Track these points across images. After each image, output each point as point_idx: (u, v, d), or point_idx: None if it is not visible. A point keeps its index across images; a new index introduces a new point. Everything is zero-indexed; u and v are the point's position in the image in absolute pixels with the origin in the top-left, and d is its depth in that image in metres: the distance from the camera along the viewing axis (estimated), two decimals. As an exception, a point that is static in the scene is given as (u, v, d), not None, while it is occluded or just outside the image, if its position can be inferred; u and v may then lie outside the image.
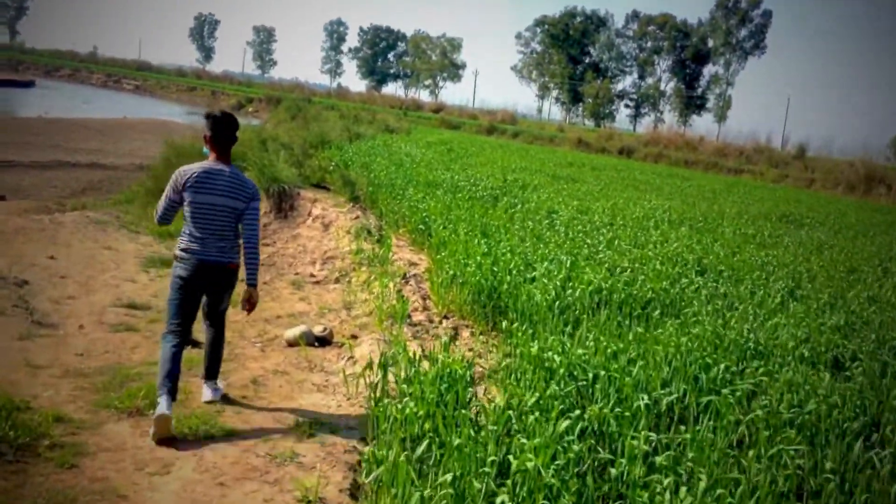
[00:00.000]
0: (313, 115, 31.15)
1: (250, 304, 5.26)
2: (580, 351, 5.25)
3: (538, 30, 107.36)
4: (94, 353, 6.48)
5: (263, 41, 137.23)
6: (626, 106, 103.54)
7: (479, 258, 7.77)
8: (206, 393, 5.35)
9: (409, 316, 7.26)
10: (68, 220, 12.14)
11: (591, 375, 4.85)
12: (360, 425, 5.07)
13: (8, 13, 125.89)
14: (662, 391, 4.77)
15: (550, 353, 5.11)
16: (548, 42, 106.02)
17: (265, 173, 12.98)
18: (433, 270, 8.36)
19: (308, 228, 11.39)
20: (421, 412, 4.26)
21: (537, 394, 4.44)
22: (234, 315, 6.44)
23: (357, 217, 10.74)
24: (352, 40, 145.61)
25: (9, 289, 8.01)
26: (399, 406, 4.35)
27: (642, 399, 4.40)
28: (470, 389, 4.82)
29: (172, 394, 4.75)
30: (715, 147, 60.74)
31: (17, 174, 19.93)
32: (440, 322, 7.33)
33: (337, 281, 9.25)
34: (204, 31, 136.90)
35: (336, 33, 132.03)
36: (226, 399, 5.42)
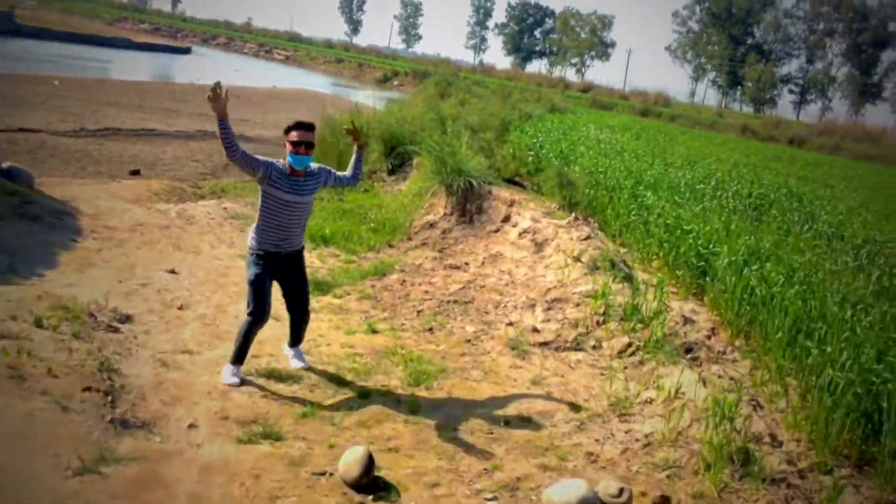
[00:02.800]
0: (464, 90, 28.14)
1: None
2: None
3: (698, 7, 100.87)
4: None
5: (410, 15, 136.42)
6: (791, 91, 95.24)
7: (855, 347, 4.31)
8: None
9: (753, 455, 3.93)
10: (200, 214, 9.52)
11: None
12: None
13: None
14: None
15: None
16: (708, 21, 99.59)
17: (445, 162, 9.90)
18: (761, 363, 4.96)
19: (512, 246, 8.19)
20: None
21: None
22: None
23: (587, 237, 7.45)
24: (498, 16, 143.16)
25: (97, 335, 5.28)
26: None
27: None
28: None
29: None
30: None
31: (160, 144, 18.03)
32: (816, 470, 3.95)
33: (577, 345, 6.01)
34: (353, 4, 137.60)
35: (483, 8, 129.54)
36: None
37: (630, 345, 5.74)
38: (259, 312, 5.08)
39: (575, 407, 5.00)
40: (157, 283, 6.92)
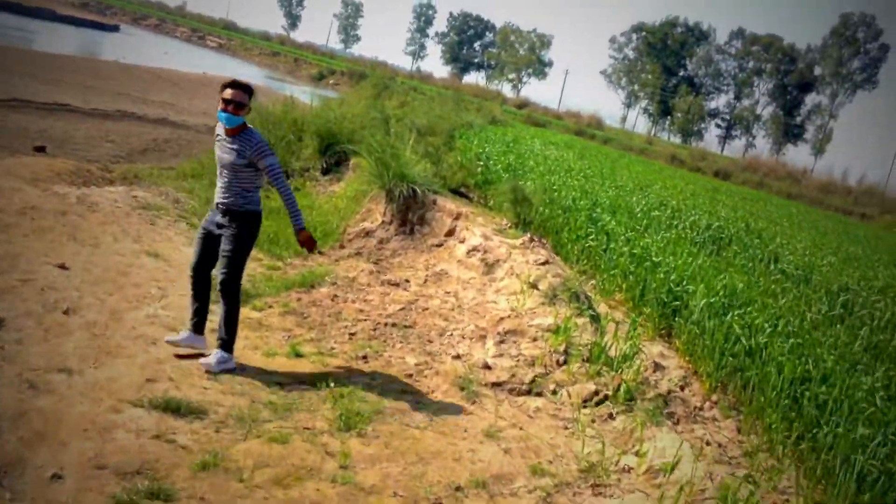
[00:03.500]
0: (401, 94, 27.27)
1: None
2: None
3: (634, 36, 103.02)
4: None
5: (350, 15, 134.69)
6: (718, 126, 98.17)
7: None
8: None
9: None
10: (105, 201, 8.35)
11: None
12: None
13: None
14: None
15: None
16: (643, 49, 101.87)
17: (388, 166, 9.02)
18: (748, 426, 4.24)
19: (459, 265, 7.34)
20: None
21: None
22: None
23: (545, 262, 6.67)
24: (439, 24, 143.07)
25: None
26: None
27: None
28: None
29: None
30: (819, 183, 56.94)
31: (72, 121, 16.50)
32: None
33: (534, 389, 5.19)
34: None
35: (424, 16, 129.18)
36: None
37: (596, 393, 4.97)
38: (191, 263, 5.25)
39: (538, 470, 4.17)
40: (42, 279, 5.80)
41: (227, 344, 5.04)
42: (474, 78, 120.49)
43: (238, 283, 5.10)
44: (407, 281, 7.19)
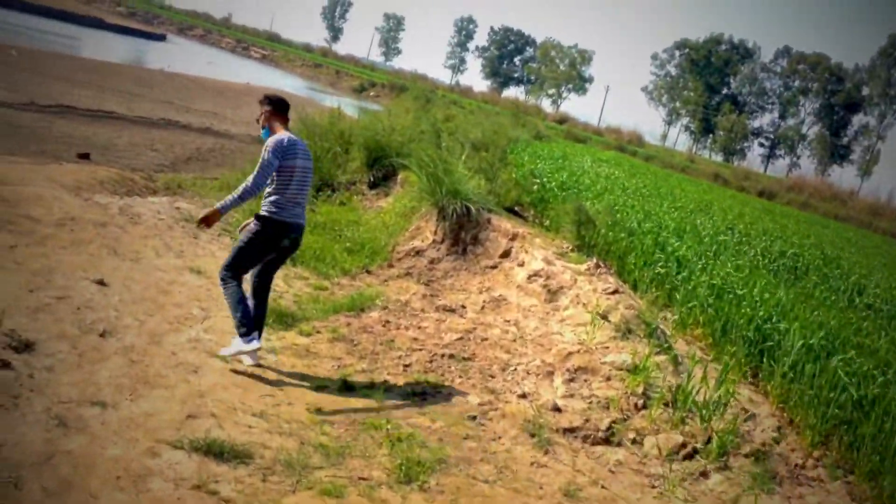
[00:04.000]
0: (442, 107, 26.86)
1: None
2: None
3: (677, 52, 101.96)
4: None
5: (392, 28, 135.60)
6: (761, 145, 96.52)
7: None
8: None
9: None
10: (148, 212, 8.01)
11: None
12: None
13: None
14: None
15: None
16: (686, 67, 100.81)
17: (440, 181, 8.57)
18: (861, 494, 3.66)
19: (519, 291, 6.83)
20: None
21: None
22: None
23: (614, 290, 6.13)
24: (479, 39, 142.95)
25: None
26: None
27: None
28: None
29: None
30: (867, 204, 55.29)
31: (116, 129, 16.39)
32: None
33: (613, 438, 4.64)
34: (336, 12, 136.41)
35: (465, 30, 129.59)
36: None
37: (684, 445, 4.42)
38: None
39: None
40: (79, 296, 5.43)
41: (238, 331, 5.07)
42: (514, 92, 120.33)
43: (228, 274, 5.15)
44: (463, 307, 6.70)
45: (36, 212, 6.78)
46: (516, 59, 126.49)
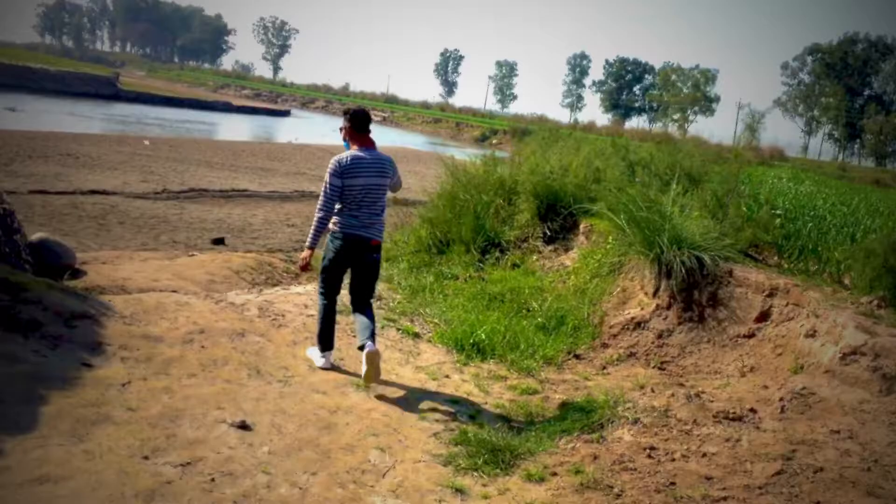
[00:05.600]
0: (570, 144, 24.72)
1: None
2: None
3: (809, 59, 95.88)
4: None
5: (505, 75, 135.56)
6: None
7: None
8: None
9: None
10: (293, 308, 6.34)
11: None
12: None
13: (273, 51, 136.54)
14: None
15: None
16: (820, 72, 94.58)
17: (656, 228, 6.49)
18: None
19: (829, 376, 4.58)
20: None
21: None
22: None
23: None
24: (595, 73, 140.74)
25: None
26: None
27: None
28: None
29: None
30: None
31: (250, 206, 15.47)
32: None
33: None
34: (448, 67, 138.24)
35: (579, 66, 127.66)
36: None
37: None
38: None
39: None
40: (213, 455, 3.73)
41: (317, 342, 5.38)
42: (636, 122, 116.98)
43: (321, 291, 5.34)
44: (752, 411, 4.51)
45: (157, 328, 5.23)
46: (636, 89, 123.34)
